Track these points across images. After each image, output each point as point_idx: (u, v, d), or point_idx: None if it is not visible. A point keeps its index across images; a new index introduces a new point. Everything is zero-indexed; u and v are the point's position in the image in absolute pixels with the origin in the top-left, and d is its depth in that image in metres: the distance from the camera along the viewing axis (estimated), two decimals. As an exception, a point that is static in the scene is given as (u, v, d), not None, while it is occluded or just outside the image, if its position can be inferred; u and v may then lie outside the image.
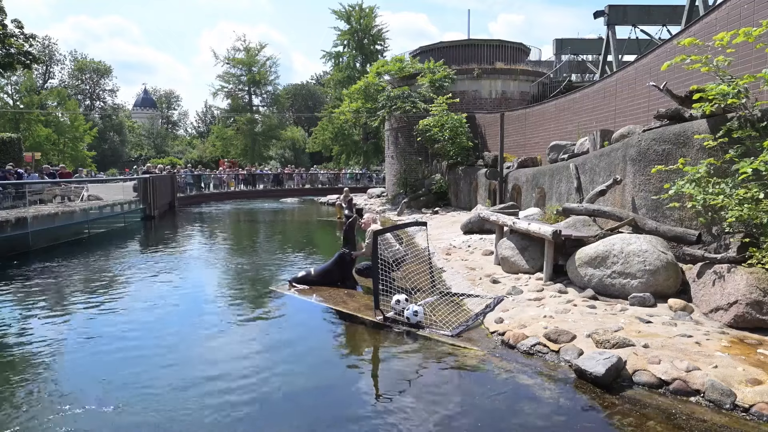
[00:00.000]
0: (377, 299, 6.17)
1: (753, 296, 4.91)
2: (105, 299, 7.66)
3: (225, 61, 49.89)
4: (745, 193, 5.32)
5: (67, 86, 53.87)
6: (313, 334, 6.02)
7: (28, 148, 32.51)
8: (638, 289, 6.01)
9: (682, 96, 6.94)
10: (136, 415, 3.96)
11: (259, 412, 4.03)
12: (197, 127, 73.85)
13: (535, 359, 4.81)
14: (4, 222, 11.52)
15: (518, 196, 13.36)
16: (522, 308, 5.98)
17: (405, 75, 22.33)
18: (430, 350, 5.17)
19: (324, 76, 56.36)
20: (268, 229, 18.23)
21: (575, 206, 8.21)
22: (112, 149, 57.81)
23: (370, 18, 41.69)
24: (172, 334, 6.01)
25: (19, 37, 22.25)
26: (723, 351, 4.42)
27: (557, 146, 11.95)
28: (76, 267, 10.24)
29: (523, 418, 3.80)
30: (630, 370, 4.26)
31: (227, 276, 9.64)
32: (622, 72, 11.12)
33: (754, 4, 6.83)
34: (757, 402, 3.63)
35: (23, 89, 43.17)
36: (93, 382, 4.60)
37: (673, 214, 6.77)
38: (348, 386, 4.57)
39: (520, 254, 7.89)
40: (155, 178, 21.58)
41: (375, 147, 39.65)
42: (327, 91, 48.31)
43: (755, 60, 6.58)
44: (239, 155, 49.65)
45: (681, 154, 6.56)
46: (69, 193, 17.17)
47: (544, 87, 22.34)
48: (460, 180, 18.14)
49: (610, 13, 21.72)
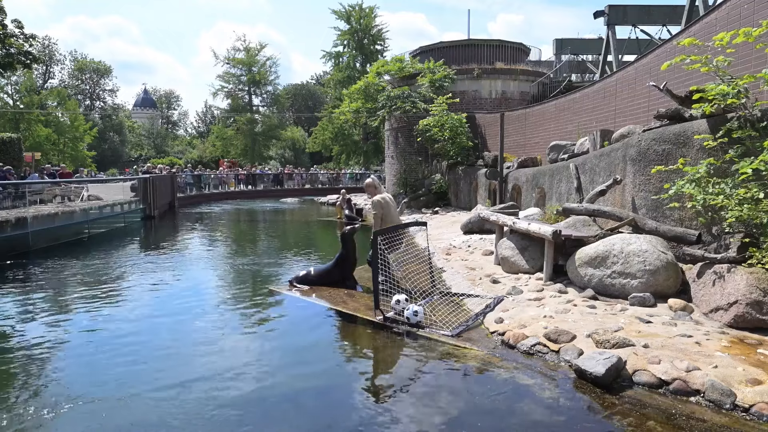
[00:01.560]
0: (377, 299, 6.16)
1: (753, 296, 4.91)
2: (105, 299, 7.66)
3: (225, 61, 50.00)
4: (745, 193, 5.32)
5: (67, 86, 53.91)
6: (312, 334, 6.01)
7: (28, 148, 32.54)
8: (638, 289, 6.01)
9: (682, 96, 6.94)
10: (135, 415, 3.96)
11: (259, 412, 4.03)
12: (197, 127, 73.92)
13: (535, 359, 4.81)
14: (4, 222, 11.52)
15: (518, 196, 13.36)
16: (522, 308, 5.98)
17: (405, 75, 22.34)
18: (430, 350, 5.17)
19: (324, 76, 56.42)
20: (268, 229, 18.24)
21: (575, 206, 8.21)
22: (112, 149, 57.84)
23: (370, 18, 41.75)
24: (171, 334, 6.02)
25: (19, 37, 22.27)
26: (723, 351, 4.42)
27: (557, 146, 11.95)
28: (76, 267, 10.24)
29: (523, 418, 3.80)
30: (630, 370, 4.26)
31: (227, 276, 9.64)
32: (622, 72, 11.12)
33: (754, 4, 6.83)
34: (757, 402, 3.63)
35: (23, 89, 43.21)
36: (93, 382, 4.59)
37: (673, 214, 6.76)
38: (347, 386, 4.57)
39: (520, 254, 7.89)
40: (155, 178, 21.59)
41: (375, 147, 39.68)
42: (327, 91, 48.37)
43: (755, 60, 6.58)
44: (239, 155, 49.71)
45: (681, 154, 6.56)
46: (69, 193, 17.17)
47: (544, 87, 22.34)
48: (460, 180, 18.14)
49: (610, 13, 21.73)
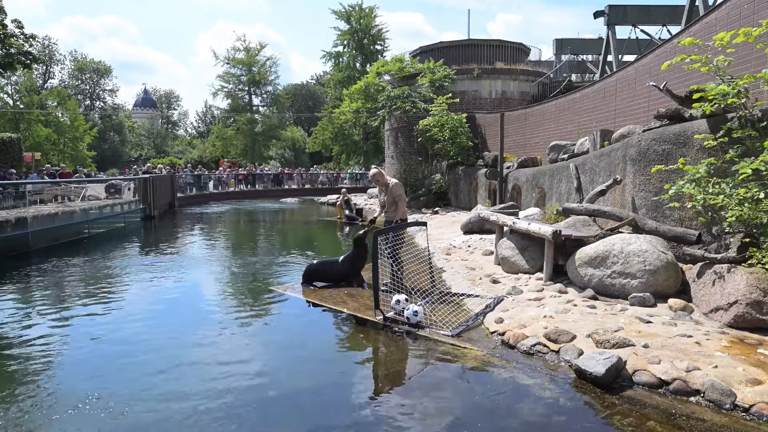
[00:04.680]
0: (377, 299, 6.17)
1: (753, 296, 4.91)
2: (105, 299, 7.66)
3: (225, 61, 50.02)
4: (745, 192, 5.32)
5: (67, 86, 53.91)
6: (312, 334, 6.01)
7: (28, 148, 32.52)
8: (638, 289, 6.01)
9: (682, 96, 6.95)
10: (135, 415, 3.95)
11: (259, 412, 4.03)
12: (197, 127, 73.92)
13: (535, 359, 4.81)
14: (4, 222, 11.52)
15: (518, 196, 13.36)
16: (522, 308, 5.98)
17: (405, 75, 22.36)
18: (430, 350, 5.17)
19: (324, 76, 56.44)
20: (268, 229, 18.23)
21: (575, 206, 8.21)
22: (112, 149, 57.83)
23: (370, 18, 41.78)
24: (171, 334, 6.01)
25: (19, 37, 22.26)
26: (723, 351, 4.42)
27: (557, 146, 11.95)
28: (76, 267, 10.24)
29: (523, 418, 3.80)
30: (630, 370, 4.26)
31: (227, 276, 9.64)
32: (622, 72, 11.13)
33: (754, 4, 6.83)
34: (757, 402, 3.63)
35: (23, 89, 43.20)
36: (92, 383, 4.59)
37: (673, 214, 6.77)
38: (347, 386, 4.57)
39: (520, 254, 7.89)
40: (155, 178, 21.58)
41: (375, 147, 39.69)
42: (327, 91, 48.41)
43: (755, 60, 6.58)
44: (239, 155, 49.70)
45: (681, 154, 6.56)
46: (69, 193, 17.17)
47: (544, 87, 22.36)
48: (460, 180, 18.14)
49: (610, 13, 21.75)
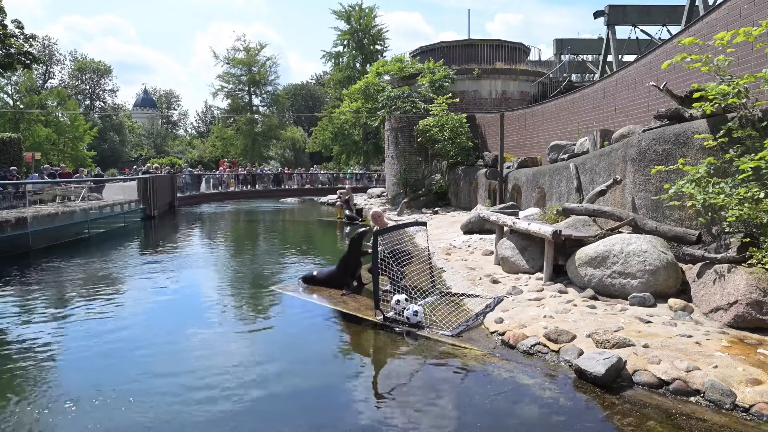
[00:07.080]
0: (377, 299, 6.17)
1: (753, 296, 4.91)
2: (105, 299, 7.66)
3: (225, 61, 49.93)
4: (746, 192, 5.32)
5: (67, 86, 53.82)
6: (312, 334, 6.02)
7: (28, 148, 32.46)
8: (638, 289, 6.01)
9: (682, 96, 6.95)
10: (135, 415, 3.96)
11: (259, 412, 4.03)
12: (197, 127, 73.88)
13: (535, 359, 4.81)
14: (4, 222, 11.52)
15: (518, 196, 13.36)
16: (522, 308, 5.98)
17: (405, 75, 22.33)
18: (430, 350, 5.17)
19: (324, 76, 56.39)
20: (268, 229, 18.23)
21: (575, 206, 8.21)
22: (112, 149, 57.75)
23: (369, 18, 41.72)
24: (171, 334, 6.02)
25: (19, 38, 22.25)
26: (723, 351, 4.42)
27: (557, 146, 11.95)
28: (76, 267, 10.24)
29: (523, 418, 3.81)
30: (630, 370, 4.26)
31: (227, 276, 9.64)
32: (622, 72, 11.12)
33: (754, 4, 6.83)
34: (757, 402, 3.63)
35: (23, 89, 43.13)
36: (92, 383, 4.59)
37: (673, 214, 6.77)
38: (348, 386, 4.57)
39: (520, 254, 7.89)
40: (155, 178, 21.58)
41: (375, 147, 39.67)
42: (327, 91, 48.33)
43: (755, 60, 6.58)
44: (239, 155, 49.65)
45: (681, 154, 6.56)
46: (69, 193, 17.17)
47: (544, 87, 22.34)
48: (460, 180, 18.14)
49: (610, 13, 21.73)
